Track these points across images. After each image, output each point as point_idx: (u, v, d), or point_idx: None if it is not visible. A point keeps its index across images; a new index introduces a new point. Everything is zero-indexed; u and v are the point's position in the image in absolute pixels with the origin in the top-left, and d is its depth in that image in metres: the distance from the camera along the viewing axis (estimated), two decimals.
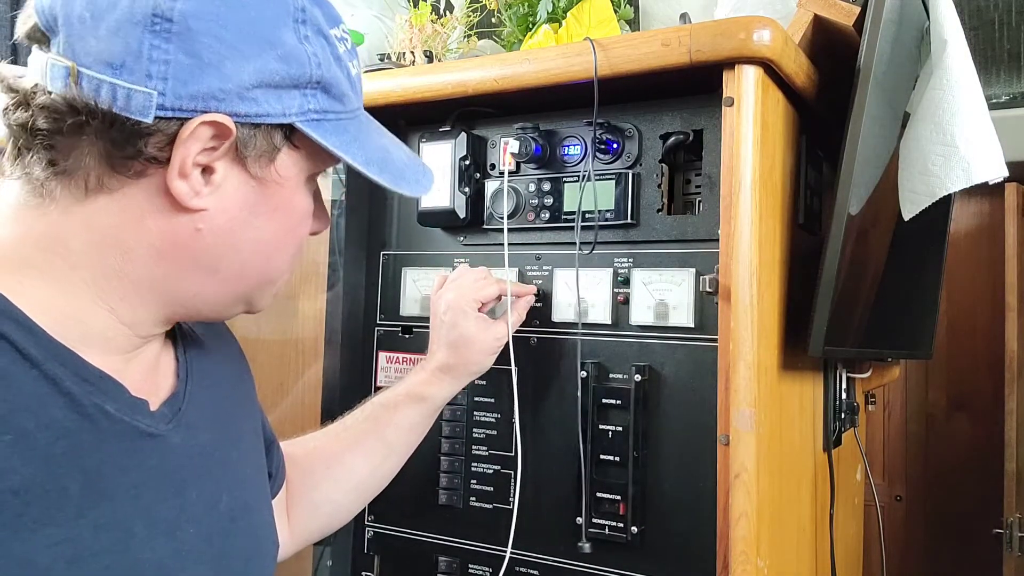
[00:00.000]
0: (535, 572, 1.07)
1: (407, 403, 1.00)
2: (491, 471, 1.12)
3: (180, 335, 0.72)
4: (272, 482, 0.86)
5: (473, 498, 1.13)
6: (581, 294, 1.06)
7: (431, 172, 0.74)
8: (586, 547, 1.01)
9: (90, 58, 0.56)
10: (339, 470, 0.97)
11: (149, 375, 0.66)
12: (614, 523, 1.02)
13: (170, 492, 0.62)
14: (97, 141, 0.57)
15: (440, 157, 1.13)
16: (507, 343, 1.04)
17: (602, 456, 1.03)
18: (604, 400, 1.03)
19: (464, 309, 1.01)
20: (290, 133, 0.63)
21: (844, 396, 1.28)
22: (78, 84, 0.55)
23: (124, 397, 0.60)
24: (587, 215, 1.05)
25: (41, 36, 0.58)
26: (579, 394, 1.04)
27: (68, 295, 0.59)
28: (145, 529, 0.59)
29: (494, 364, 1.08)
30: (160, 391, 0.66)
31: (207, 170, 0.60)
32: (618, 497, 1.01)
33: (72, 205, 0.58)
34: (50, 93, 0.56)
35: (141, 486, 0.60)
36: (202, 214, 0.60)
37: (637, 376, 1.01)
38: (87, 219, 0.59)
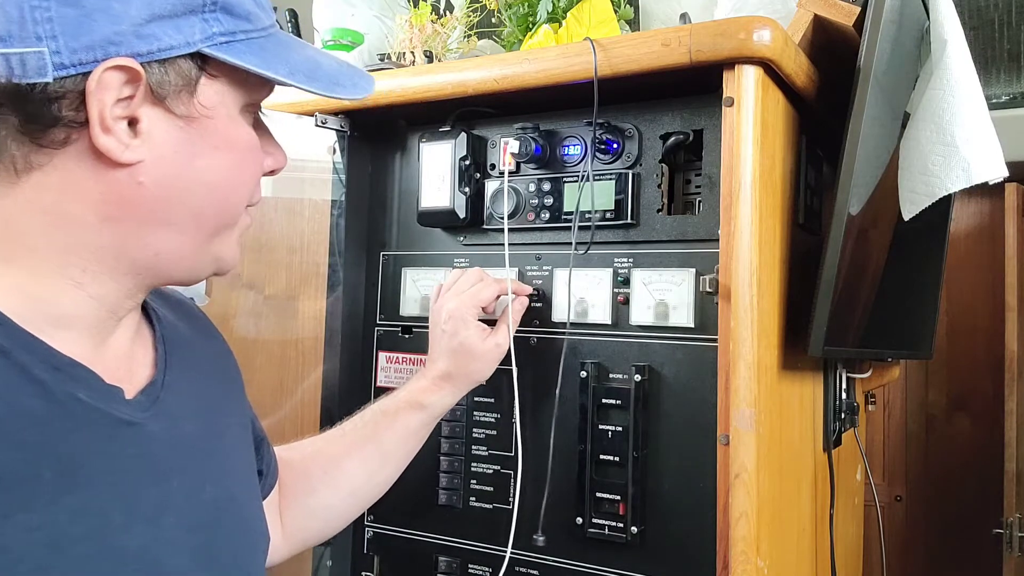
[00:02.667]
0: (535, 572, 1.07)
1: (407, 410, 1.00)
2: (491, 471, 1.12)
3: (160, 326, 0.72)
4: (263, 481, 0.85)
5: (473, 498, 1.13)
6: (581, 294, 1.06)
7: (371, 77, 0.72)
8: (540, 540, 1.01)
9: None
10: (336, 475, 0.97)
11: (123, 363, 0.65)
12: (614, 523, 1.02)
13: (150, 480, 0.62)
14: (10, 118, 0.56)
15: (440, 157, 1.13)
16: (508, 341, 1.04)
17: (602, 456, 1.03)
18: (604, 400, 1.03)
19: (465, 318, 1.01)
20: (203, 63, 0.61)
21: (844, 396, 1.28)
22: None
23: (97, 385, 0.60)
24: (587, 215, 1.05)
25: None
26: (578, 394, 1.04)
27: (32, 275, 0.59)
28: (124, 516, 0.59)
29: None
30: (136, 380, 0.65)
31: (132, 123, 0.59)
32: (618, 497, 1.01)
33: (9, 190, 0.58)
34: None
35: (119, 473, 0.59)
36: (139, 167, 0.59)
37: (637, 376, 1.01)
38: (26, 200, 0.58)
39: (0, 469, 0.52)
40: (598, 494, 1.03)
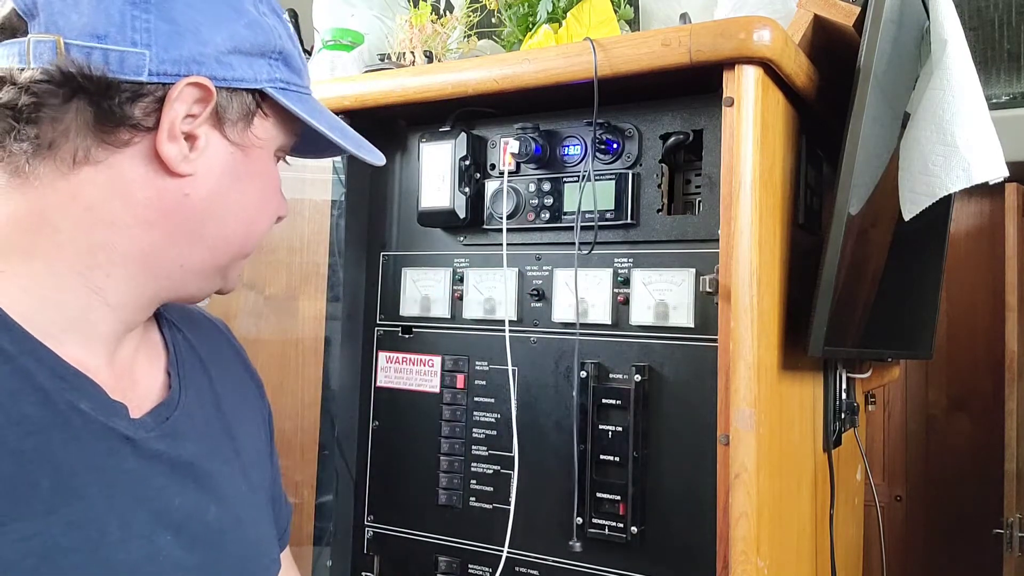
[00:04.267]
0: (535, 572, 1.07)
1: None
2: (491, 471, 1.12)
3: (176, 345, 0.73)
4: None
5: (473, 498, 1.13)
6: (582, 294, 1.06)
7: (382, 155, 0.79)
8: (577, 546, 1.01)
9: (74, 32, 0.58)
10: None
11: (129, 382, 0.66)
12: (614, 523, 1.02)
13: (148, 496, 0.62)
14: (85, 110, 0.58)
15: (440, 157, 1.13)
16: (506, 341, 1.04)
17: (602, 456, 1.03)
18: (604, 400, 1.03)
19: None
20: (261, 101, 0.66)
21: (844, 396, 1.28)
22: (67, 54, 0.57)
23: (100, 398, 0.60)
24: (587, 215, 1.05)
25: (17, 22, 0.59)
26: (578, 394, 1.04)
27: (52, 276, 0.59)
28: (119, 531, 0.59)
29: (493, 364, 1.08)
30: (141, 394, 0.66)
31: (190, 138, 0.62)
32: (618, 497, 1.01)
33: (57, 180, 0.59)
34: (35, 69, 0.57)
35: (116, 488, 0.59)
36: (189, 179, 0.63)
37: (637, 376, 1.01)
38: (73, 193, 0.59)
39: None
40: (598, 494, 1.03)
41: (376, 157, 0.77)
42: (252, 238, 0.70)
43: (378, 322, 1.24)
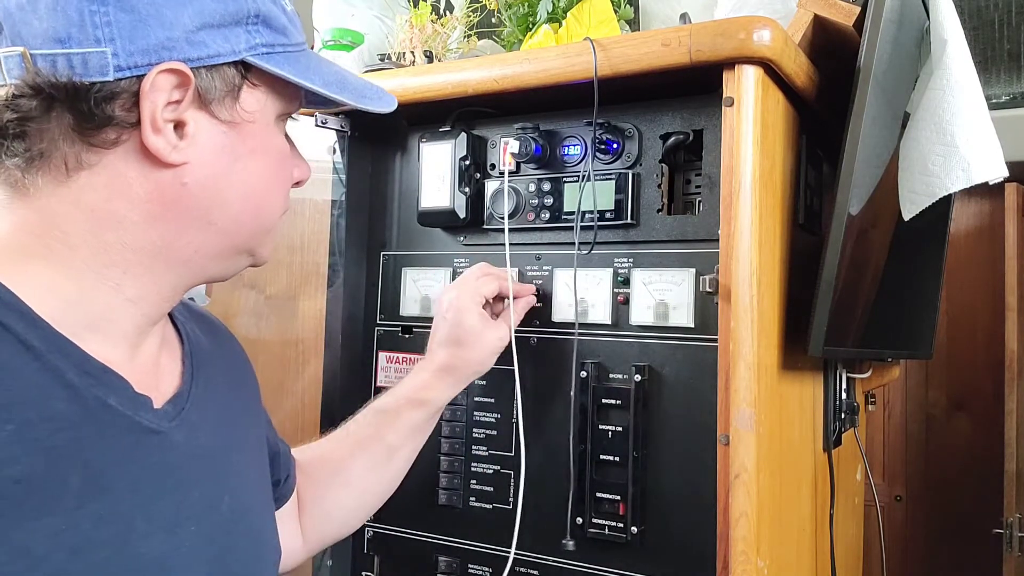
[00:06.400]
0: (535, 572, 1.07)
1: (409, 407, 0.99)
2: (491, 471, 1.12)
3: (188, 340, 0.73)
4: (282, 487, 0.87)
5: (473, 498, 1.13)
6: (581, 294, 1.06)
7: (392, 96, 0.76)
8: (570, 544, 1.01)
9: (38, 40, 0.57)
10: (345, 476, 0.97)
11: (152, 373, 0.66)
12: (614, 523, 1.02)
13: (171, 489, 0.63)
14: (66, 116, 0.58)
15: (440, 157, 1.13)
16: (510, 342, 1.04)
17: (602, 456, 1.03)
18: (604, 400, 1.03)
19: (467, 306, 1.00)
20: (246, 71, 0.64)
21: (844, 396, 1.28)
22: (34, 66, 0.57)
23: (127, 392, 0.61)
24: (587, 215, 1.05)
25: None
26: (579, 394, 1.04)
27: (72, 278, 0.60)
28: (145, 524, 0.59)
29: (494, 364, 1.08)
30: (162, 389, 0.67)
31: (178, 126, 0.61)
32: (618, 497, 1.01)
33: (56, 189, 0.59)
34: (10, 85, 0.57)
35: (141, 481, 0.60)
36: (184, 168, 0.62)
37: (637, 376, 1.01)
38: (75, 199, 0.59)
39: (29, 472, 0.53)
40: (598, 494, 1.03)
41: (384, 103, 0.73)
42: (267, 213, 0.69)
43: (378, 322, 1.24)
